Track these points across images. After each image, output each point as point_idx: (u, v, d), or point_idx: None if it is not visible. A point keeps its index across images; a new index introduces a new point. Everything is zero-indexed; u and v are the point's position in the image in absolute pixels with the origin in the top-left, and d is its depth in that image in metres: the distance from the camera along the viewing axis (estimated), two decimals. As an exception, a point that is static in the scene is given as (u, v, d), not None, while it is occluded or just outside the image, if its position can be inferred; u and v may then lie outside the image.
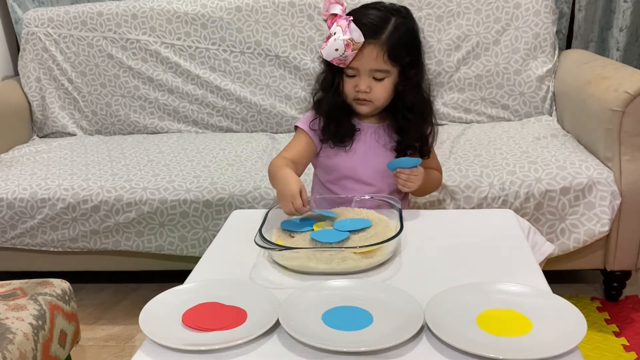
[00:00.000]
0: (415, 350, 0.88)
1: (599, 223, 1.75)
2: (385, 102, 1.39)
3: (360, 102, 1.38)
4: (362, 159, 1.43)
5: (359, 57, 1.31)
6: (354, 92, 1.37)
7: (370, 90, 1.35)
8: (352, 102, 1.39)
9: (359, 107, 1.39)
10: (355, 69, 1.34)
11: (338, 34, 1.28)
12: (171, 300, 1.03)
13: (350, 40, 1.28)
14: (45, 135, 2.59)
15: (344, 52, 1.29)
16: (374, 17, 1.33)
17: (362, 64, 1.32)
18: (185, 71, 2.44)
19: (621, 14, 2.35)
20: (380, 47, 1.31)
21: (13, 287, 1.40)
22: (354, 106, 1.40)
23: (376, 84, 1.35)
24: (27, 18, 2.52)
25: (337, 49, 1.29)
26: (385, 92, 1.36)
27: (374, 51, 1.31)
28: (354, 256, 1.11)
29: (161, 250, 1.94)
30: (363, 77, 1.34)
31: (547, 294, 0.99)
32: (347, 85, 1.37)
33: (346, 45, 1.28)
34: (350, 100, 1.39)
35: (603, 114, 1.80)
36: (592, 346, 1.71)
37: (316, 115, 1.43)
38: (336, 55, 1.30)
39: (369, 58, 1.32)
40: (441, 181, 1.57)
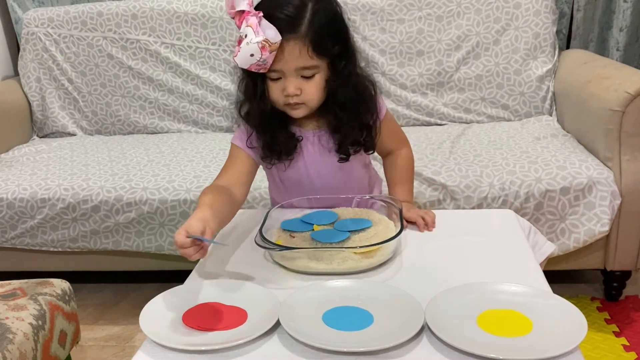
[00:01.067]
0: (415, 350, 0.88)
1: (599, 223, 1.75)
2: (319, 101, 1.22)
3: (292, 106, 1.21)
4: (312, 168, 1.31)
5: (280, 58, 1.13)
6: (282, 97, 1.19)
7: (300, 92, 1.18)
8: (284, 107, 1.22)
9: (292, 112, 1.22)
10: (278, 71, 1.16)
11: (250, 35, 1.09)
12: (171, 300, 1.03)
13: (265, 41, 1.09)
14: (45, 135, 2.59)
15: (260, 56, 1.09)
16: (288, 8, 1.13)
17: (285, 64, 1.14)
18: (185, 71, 2.44)
19: (621, 14, 2.35)
20: (302, 41, 1.13)
21: (13, 287, 1.40)
22: (287, 111, 1.23)
23: (306, 83, 1.18)
24: (27, 18, 2.52)
25: (253, 54, 1.09)
26: (318, 90, 1.19)
27: (295, 47, 1.13)
28: (354, 256, 1.11)
29: (161, 250, 1.94)
30: (290, 79, 1.17)
31: (547, 294, 0.99)
32: (273, 91, 1.19)
33: (262, 48, 1.09)
34: (281, 107, 1.22)
35: (603, 114, 1.80)
36: (592, 346, 1.71)
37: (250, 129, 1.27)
38: (253, 61, 1.10)
39: (292, 56, 1.14)
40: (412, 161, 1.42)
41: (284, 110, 1.23)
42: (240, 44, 1.11)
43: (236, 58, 1.11)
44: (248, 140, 1.27)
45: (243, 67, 1.12)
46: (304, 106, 1.21)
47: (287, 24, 1.12)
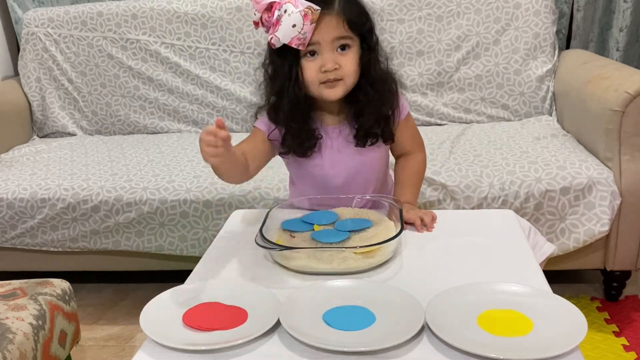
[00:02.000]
0: (415, 350, 0.88)
1: (599, 223, 1.75)
2: (355, 78, 1.24)
3: (329, 84, 1.22)
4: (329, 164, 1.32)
5: (318, 29, 1.17)
6: (319, 74, 1.21)
7: (339, 66, 1.21)
8: (319, 88, 1.23)
9: (329, 92, 1.23)
10: (316, 43, 1.19)
11: (289, 9, 1.14)
12: (171, 300, 1.03)
13: (307, 8, 1.13)
14: (45, 135, 2.59)
15: (302, 26, 1.14)
16: None
17: (324, 34, 1.18)
18: (185, 71, 2.44)
19: (621, 14, 2.35)
20: (337, 15, 1.18)
21: (13, 287, 1.40)
22: (322, 92, 1.23)
23: (342, 58, 1.21)
24: (27, 18, 2.52)
25: (295, 24, 1.14)
26: (353, 64, 1.22)
27: (332, 19, 1.18)
28: (355, 256, 1.11)
29: (161, 250, 1.94)
30: (327, 53, 1.20)
31: (547, 294, 0.99)
32: (309, 71, 1.21)
33: (304, 16, 1.13)
34: (316, 87, 1.23)
35: (603, 114, 1.80)
36: (592, 346, 1.71)
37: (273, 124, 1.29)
38: (294, 33, 1.15)
39: (329, 27, 1.18)
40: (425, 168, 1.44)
41: (319, 93, 1.24)
42: (279, 22, 1.15)
43: (276, 34, 1.15)
44: (271, 134, 1.29)
45: (285, 41, 1.16)
46: (342, 83, 1.23)
47: (321, 1, 1.16)
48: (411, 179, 1.41)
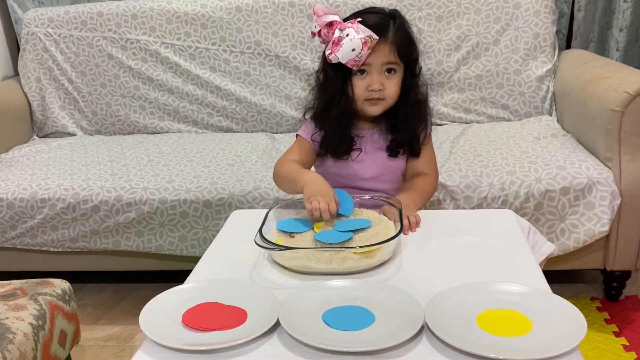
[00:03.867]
0: (415, 350, 0.88)
1: (598, 223, 1.75)
2: (395, 99, 1.39)
3: (373, 101, 1.38)
4: (363, 166, 1.44)
5: (371, 54, 1.32)
6: (366, 92, 1.36)
7: (383, 87, 1.36)
8: (363, 103, 1.38)
9: (371, 108, 1.39)
10: (367, 65, 1.34)
11: (352, 34, 1.29)
12: (171, 300, 1.03)
13: (368, 37, 1.29)
14: (45, 135, 2.59)
15: (360, 51, 1.29)
16: (376, 19, 1.35)
17: (375, 58, 1.33)
18: (185, 71, 2.44)
19: (621, 14, 2.35)
20: (390, 44, 1.34)
21: (13, 287, 1.40)
22: (365, 108, 1.39)
23: (388, 81, 1.36)
24: (27, 18, 2.52)
25: (354, 49, 1.29)
26: (397, 88, 1.38)
27: (385, 47, 1.33)
28: (354, 256, 1.11)
29: (161, 250, 1.94)
30: (375, 75, 1.35)
31: (547, 294, 0.99)
32: (357, 88, 1.37)
33: (364, 44, 1.29)
34: (361, 102, 1.38)
35: (603, 114, 1.80)
36: (592, 346, 1.71)
37: (317, 128, 1.44)
38: (353, 55, 1.30)
39: (382, 54, 1.33)
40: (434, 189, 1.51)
41: (362, 107, 1.39)
42: (340, 42, 1.31)
43: (337, 54, 1.31)
44: (313, 136, 1.44)
45: (343, 60, 1.31)
46: (383, 102, 1.38)
47: (378, 29, 1.32)
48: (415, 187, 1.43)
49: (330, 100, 1.39)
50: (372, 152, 1.45)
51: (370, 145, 1.45)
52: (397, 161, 1.46)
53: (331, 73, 1.38)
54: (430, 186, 1.48)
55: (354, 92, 1.37)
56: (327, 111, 1.40)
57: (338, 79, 1.37)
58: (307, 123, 1.47)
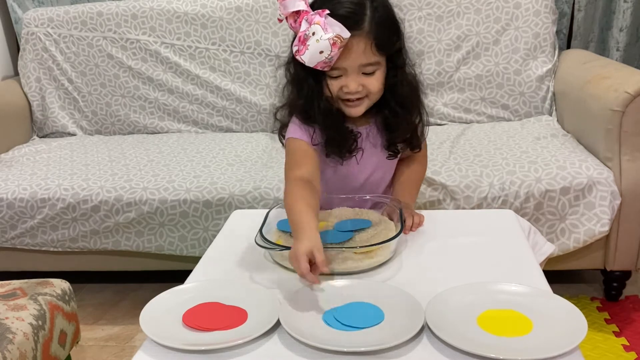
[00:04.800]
0: (415, 350, 0.88)
1: (599, 223, 1.75)
2: (379, 94, 1.22)
3: (350, 103, 1.21)
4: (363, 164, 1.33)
5: (344, 55, 1.13)
6: (341, 93, 1.20)
7: (362, 88, 1.19)
8: (340, 104, 1.22)
9: (350, 110, 1.22)
10: (341, 68, 1.16)
11: (318, 33, 1.09)
12: (171, 300, 1.03)
13: (336, 37, 1.09)
14: (45, 135, 2.59)
15: (330, 52, 1.10)
16: (349, 5, 1.14)
17: (350, 61, 1.15)
18: (185, 71, 2.44)
19: (621, 14, 2.35)
20: (366, 37, 1.14)
21: (13, 287, 1.40)
22: (345, 110, 1.23)
23: (367, 80, 1.18)
24: (27, 18, 2.52)
25: (322, 51, 1.10)
26: (379, 83, 1.20)
27: (360, 44, 1.14)
28: (355, 256, 1.11)
29: (161, 250, 1.94)
30: (351, 76, 1.17)
31: (547, 294, 0.99)
32: (332, 87, 1.19)
33: (333, 45, 1.10)
34: (338, 103, 1.22)
35: (603, 114, 1.80)
36: (592, 346, 1.71)
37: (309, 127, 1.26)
38: (321, 58, 1.11)
39: (356, 53, 1.14)
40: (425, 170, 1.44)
41: (341, 109, 1.23)
42: (306, 42, 1.12)
43: (303, 56, 1.13)
44: (312, 139, 1.25)
45: (310, 64, 1.13)
46: (366, 100, 1.21)
47: (351, 21, 1.12)
48: (411, 181, 1.42)
49: (308, 102, 1.22)
50: (371, 149, 1.32)
51: (368, 142, 1.32)
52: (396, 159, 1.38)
53: (302, 72, 1.20)
54: (423, 171, 1.44)
55: (328, 93, 1.20)
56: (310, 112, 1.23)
57: (310, 78, 1.20)
58: (291, 123, 1.29)
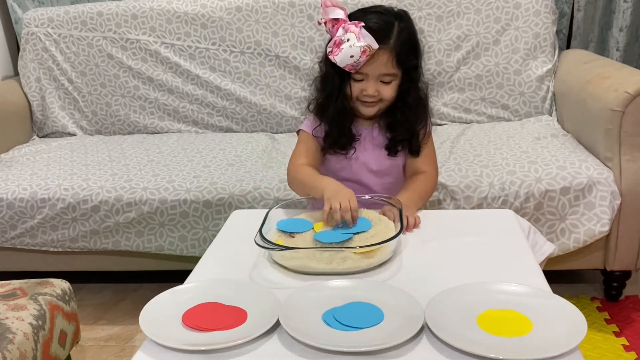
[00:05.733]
0: (415, 350, 0.88)
1: (599, 223, 1.75)
2: (391, 101, 1.40)
3: (367, 104, 1.39)
4: (360, 163, 1.46)
5: (369, 62, 1.33)
6: (360, 94, 1.38)
7: (378, 93, 1.37)
8: (357, 104, 1.40)
9: (365, 109, 1.41)
10: (364, 74, 1.35)
11: (352, 40, 1.29)
12: (171, 300, 1.03)
13: (367, 46, 1.29)
14: (45, 135, 2.59)
15: (359, 58, 1.30)
16: (380, 22, 1.35)
17: (372, 69, 1.34)
18: (185, 71, 2.44)
19: (621, 14, 2.35)
20: (390, 52, 1.34)
21: (13, 287, 1.40)
22: (359, 108, 1.41)
23: (383, 87, 1.37)
24: (27, 18, 2.52)
25: (353, 56, 1.30)
26: (393, 92, 1.39)
27: (384, 56, 1.33)
28: (354, 256, 1.11)
29: (161, 250, 1.94)
30: (371, 82, 1.36)
31: (547, 294, 0.99)
32: (353, 89, 1.38)
33: (362, 52, 1.29)
34: (355, 102, 1.40)
35: (603, 114, 1.80)
36: (592, 346, 1.71)
37: (318, 121, 1.44)
38: (351, 61, 1.31)
39: (379, 63, 1.34)
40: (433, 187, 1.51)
41: (356, 107, 1.42)
42: (340, 46, 1.31)
43: (336, 57, 1.32)
44: (314, 130, 1.45)
45: (341, 65, 1.32)
46: (379, 104, 1.40)
47: (380, 36, 1.32)
48: (415, 187, 1.43)
49: (329, 97, 1.41)
50: (372, 149, 1.46)
51: (370, 142, 1.46)
52: (396, 159, 1.47)
53: (331, 70, 1.39)
54: (429, 185, 1.47)
55: (349, 92, 1.39)
56: (327, 107, 1.42)
57: (336, 77, 1.38)
58: (307, 118, 1.48)
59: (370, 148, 1.46)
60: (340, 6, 1.34)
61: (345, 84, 1.38)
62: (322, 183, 1.30)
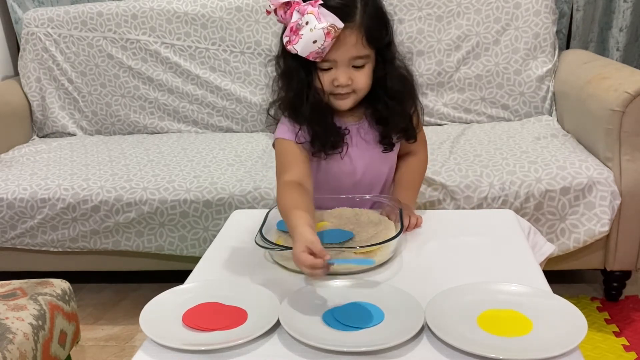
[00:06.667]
0: (415, 350, 0.88)
1: (599, 223, 1.75)
2: (367, 89, 1.23)
3: (340, 96, 1.22)
4: (355, 162, 1.32)
5: (336, 46, 1.14)
6: (331, 86, 1.20)
7: (351, 81, 1.20)
8: (330, 97, 1.23)
9: (339, 103, 1.23)
10: (332, 60, 1.17)
11: (312, 22, 1.10)
12: (171, 300, 1.03)
13: (331, 26, 1.10)
14: (45, 135, 2.59)
15: (323, 42, 1.11)
16: None
17: (341, 54, 1.16)
18: (185, 71, 2.44)
19: (621, 14, 2.35)
20: (358, 29, 1.15)
21: (13, 287, 1.40)
22: (332, 102, 1.23)
23: (356, 73, 1.19)
24: (27, 18, 2.52)
25: (316, 41, 1.11)
26: (368, 79, 1.21)
27: (352, 36, 1.15)
28: (355, 256, 1.11)
29: (161, 250, 1.94)
30: (341, 68, 1.18)
31: (547, 294, 0.99)
32: (323, 81, 1.20)
33: (327, 34, 1.10)
34: (328, 96, 1.23)
35: (603, 114, 1.80)
36: (592, 346, 1.71)
37: (296, 124, 1.25)
38: (314, 48, 1.12)
39: (348, 45, 1.15)
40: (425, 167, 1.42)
41: (329, 102, 1.23)
42: (299, 31, 1.12)
43: (295, 46, 1.13)
44: (297, 137, 1.25)
45: (303, 54, 1.13)
46: (353, 95, 1.22)
47: (343, 13, 1.12)
48: (413, 181, 1.41)
49: (298, 95, 1.22)
50: (364, 145, 1.31)
51: (361, 138, 1.31)
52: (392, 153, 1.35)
53: (292, 63, 1.20)
54: (424, 164, 1.42)
55: (318, 86, 1.21)
56: (298, 106, 1.23)
57: (301, 70, 1.20)
58: (281, 124, 1.28)
59: (363, 145, 1.30)
60: None
61: (313, 76, 1.20)
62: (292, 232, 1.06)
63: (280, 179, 1.23)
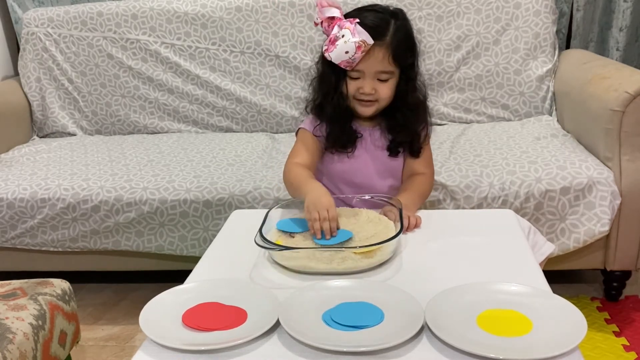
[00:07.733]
0: (415, 350, 0.88)
1: (599, 223, 1.75)
2: (388, 101, 1.39)
3: (363, 103, 1.38)
4: (362, 163, 1.45)
5: (365, 59, 1.32)
6: (357, 93, 1.37)
7: (374, 91, 1.36)
8: (354, 103, 1.39)
9: (362, 109, 1.40)
10: (360, 71, 1.35)
11: (347, 36, 1.29)
12: (171, 300, 1.03)
13: (362, 42, 1.28)
14: (45, 135, 2.59)
15: (354, 54, 1.29)
16: (376, 19, 1.34)
17: (368, 66, 1.33)
18: (185, 71, 2.44)
19: (621, 14, 2.35)
20: (386, 48, 1.33)
21: (13, 287, 1.40)
22: (356, 108, 1.40)
23: (381, 85, 1.36)
24: (27, 18, 2.52)
25: (348, 52, 1.29)
26: (390, 92, 1.38)
27: (380, 52, 1.32)
28: (354, 256, 1.11)
29: (161, 250, 1.94)
30: (368, 80, 1.35)
31: (547, 294, 0.99)
32: (350, 87, 1.38)
33: (357, 47, 1.29)
34: (352, 101, 1.39)
35: (603, 114, 1.80)
36: (592, 346, 1.71)
37: (318, 120, 1.44)
38: (346, 57, 1.30)
39: (376, 60, 1.33)
40: (431, 189, 1.52)
41: (353, 106, 1.41)
42: (335, 42, 1.31)
43: (331, 53, 1.32)
44: (315, 129, 1.44)
45: (336, 61, 1.32)
46: (375, 104, 1.39)
47: (376, 32, 1.31)
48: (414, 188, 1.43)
49: (326, 96, 1.40)
50: (373, 150, 1.46)
51: (371, 143, 1.46)
52: (397, 160, 1.47)
53: (327, 69, 1.39)
54: (428, 185, 1.48)
55: (347, 90, 1.38)
56: (324, 106, 1.41)
57: (333, 75, 1.38)
58: (308, 117, 1.47)
59: (372, 149, 1.46)
60: (336, 5, 1.34)
61: (342, 82, 1.38)
62: (306, 187, 1.26)
63: (290, 160, 1.42)
